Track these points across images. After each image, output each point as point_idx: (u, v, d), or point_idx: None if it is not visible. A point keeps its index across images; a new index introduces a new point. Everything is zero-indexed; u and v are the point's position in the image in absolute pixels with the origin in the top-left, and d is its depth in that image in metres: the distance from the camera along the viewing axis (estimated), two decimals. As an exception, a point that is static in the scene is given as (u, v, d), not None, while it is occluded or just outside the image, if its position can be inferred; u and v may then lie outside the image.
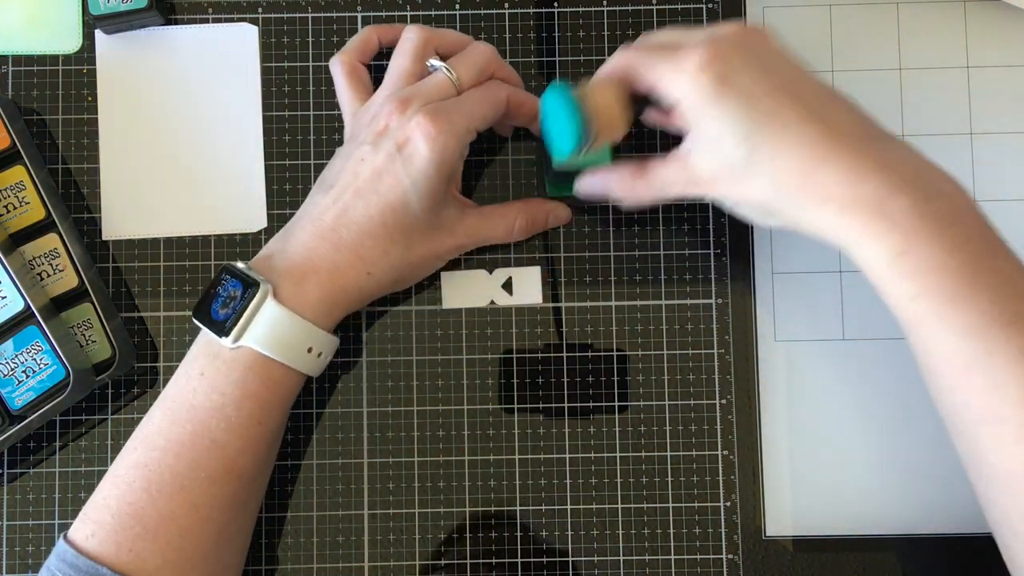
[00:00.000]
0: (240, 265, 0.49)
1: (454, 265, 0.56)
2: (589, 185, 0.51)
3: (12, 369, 0.52)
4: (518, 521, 0.55)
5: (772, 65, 0.43)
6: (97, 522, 0.46)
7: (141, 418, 0.55)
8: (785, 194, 0.43)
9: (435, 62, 0.51)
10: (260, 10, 0.57)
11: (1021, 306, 0.40)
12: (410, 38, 0.52)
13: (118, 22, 0.56)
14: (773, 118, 0.42)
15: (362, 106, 0.52)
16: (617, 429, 0.55)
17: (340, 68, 0.53)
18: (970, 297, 0.40)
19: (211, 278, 0.56)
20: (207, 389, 0.48)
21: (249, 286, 0.48)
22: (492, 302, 0.56)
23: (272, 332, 0.48)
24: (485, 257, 0.56)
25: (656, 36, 0.48)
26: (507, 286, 0.56)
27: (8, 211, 0.54)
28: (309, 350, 0.49)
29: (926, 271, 0.40)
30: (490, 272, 0.56)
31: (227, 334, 0.47)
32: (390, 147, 0.49)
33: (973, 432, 0.41)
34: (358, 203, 0.49)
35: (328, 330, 0.50)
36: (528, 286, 0.56)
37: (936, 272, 0.40)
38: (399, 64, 0.52)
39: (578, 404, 0.55)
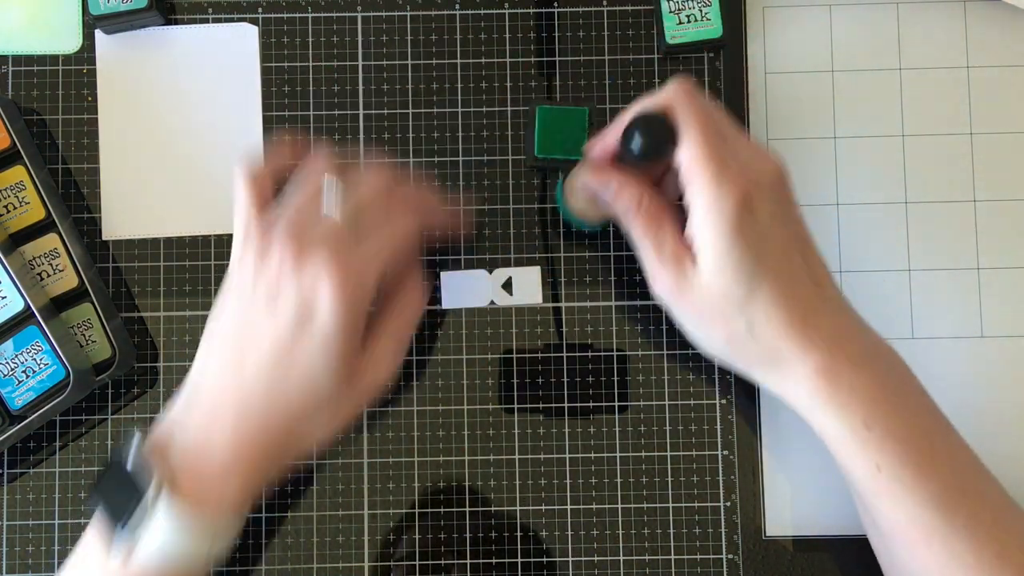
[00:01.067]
0: (131, 452, 0.44)
1: (454, 265, 0.56)
2: (593, 181, 0.47)
3: (12, 369, 0.52)
4: (518, 521, 0.55)
5: (788, 218, 0.44)
6: None
7: (141, 418, 0.55)
8: (759, 340, 0.43)
9: (329, 184, 0.47)
10: (260, 10, 0.57)
11: (968, 473, 0.42)
12: (310, 172, 0.48)
13: (118, 22, 0.56)
14: (777, 269, 0.42)
15: (258, 226, 0.47)
16: (617, 429, 0.55)
17: (243, 177, 0.48)
18: (930, 468, 0.41)
19: (210, 278, 0.56)
20: None
21: (142, 489, 0.43)
22: (492, 302, 0.56)
23: (169, 547, 0.43)
24: (485, 257, 0.56)
25: (714, 110, 0.45)
26: (507, 286, 0.56)
27: (8, 211, 0.54)
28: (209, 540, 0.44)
29: (890, 443, 0.41)
30: (490, 272, 0.56)
31: (121, 529, 0.43)
32: (290, 307, 0.44)
33: None
34: (262, 377, 0.45)
35: (239, 512, 0.46)
36: (528, 286, 0.56)
37: (899, 446, 0.41)
38: (295, 200, 0.47)
39: (578, 404, 0.55)
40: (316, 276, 0.44)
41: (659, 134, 0.44)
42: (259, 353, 0.45)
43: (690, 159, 0.43)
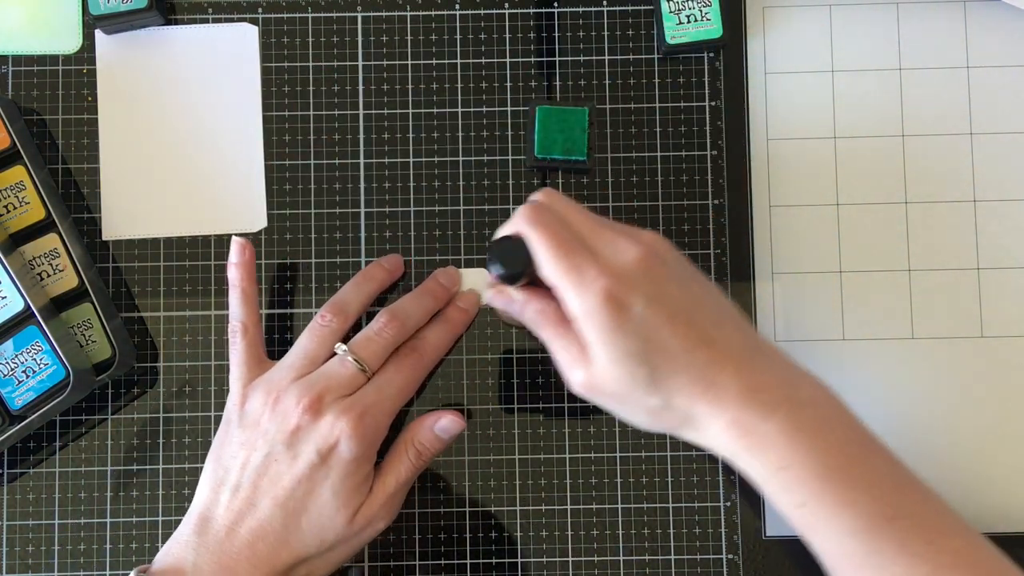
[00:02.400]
0: None
1: (454, 265, 0.56)
2: (498, 302, 0.49)
3: (12, 369, 0.52)
4: (518, 521, 0.55)
5: (665, 293, 0.44)
6: None
7: (141, 418, 0.55)
8: (674, 410, 0.45)
9: (340, 348, 0.50)
10: (260, 10, 0.57)
11: (898, 499, 0.43)
12: (324, 327, 0.51)
13: (118, 22, 0.56)
14: (666, 346, 0.44)
15: (259, 376, 0.51)
16: (617, 429, 0.55)
17: (242, 336, 0.51)
18: (853, 500, 0.42)
19: (210, 278, 0.56)
20: None
21: None
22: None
23: None
24: (474, 256, 0.56)
25: (570, 215, 0.46)
26: None
27: (8, 211, 0.54)
28: None
29: (808, 481, 0.43)
30: (488, 271, 0.56)
31: None
32: (310, 454, 0.48)
33: None
34: (276, 514, 0.48)
35: None
36: None
37: (817, 481, 0.43)
38: (304, 345, 0.51)
39: (578, 404, 0.55)
40: (339, 426, 0.48)
41: (513, 258, 0.46)
42: (277, 490, 0.48)
43: (550, 277, 0.45)
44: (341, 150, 0.57)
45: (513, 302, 0.48)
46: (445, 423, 0.51)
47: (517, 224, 0.46)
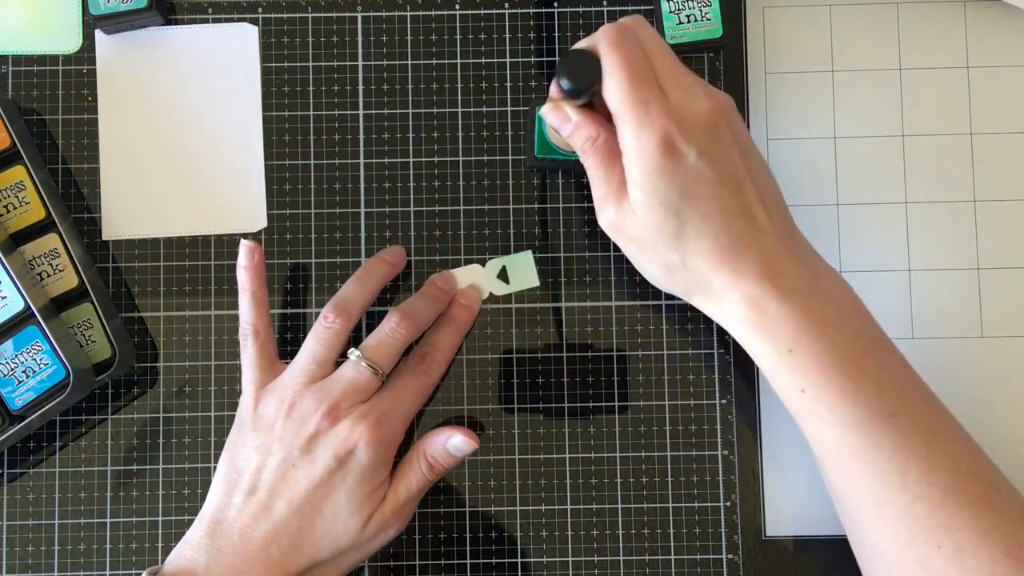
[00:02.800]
0: None
1: (451, 264, 0.56)
2: (552, 117, 0.48)
3: (12, 369, 0.52)
4: (518, 521, 0.55)
5: (720, 155, 0.44)
6: None
7: (141, 418, 0.55)
8: (692, 271, 0.45)
9: (353, 353, 0.50)
10: (260, 10, 0.57)
11: (901, 397, 0.43)
12: (329, 328, 0.51)
13: (118, 22, 0.56)
14: (704, 206, 0.44)
15: (271, 382, 0.50)
16: (617, 429, 0.55)
17: (254, 339, 0.51)
18: (854, 391, 0.43)
19: (210, 278, 0.56)
20: None
21: None
22: (491, 293, 0.56)
23: None
24: (474, 256, 0.56)
25: (652, 49, 0.46)
26: (502, 275, 0.56)
27: (8, 211, 0.54)
28: None
29: (813, 367, 0.43)
30: (483, 265, 0.56)
31: None
32: (329, 459, 0.48)
33: (857, 513, 0.44)
34: (291, 518, 0.48)
35: None
36: (522, 271, 0.56)
37: (822, 368, 0.43)
38: (311, 349, 0.51)
39: (578, 404, 0.55)
40: (358, 431, 0.48)
41: (582, 72, 0.45)
42: (293, 494, 0.48)
43: (614, 104, 0.44)
44: (341, 150, 0.57)
45: (567, 121, 0.47)
46: (457, 441, 0.51)
47: (598, 41, 0.45)
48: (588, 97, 0.46)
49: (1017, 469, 0.55)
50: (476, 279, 0.56)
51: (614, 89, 0.44)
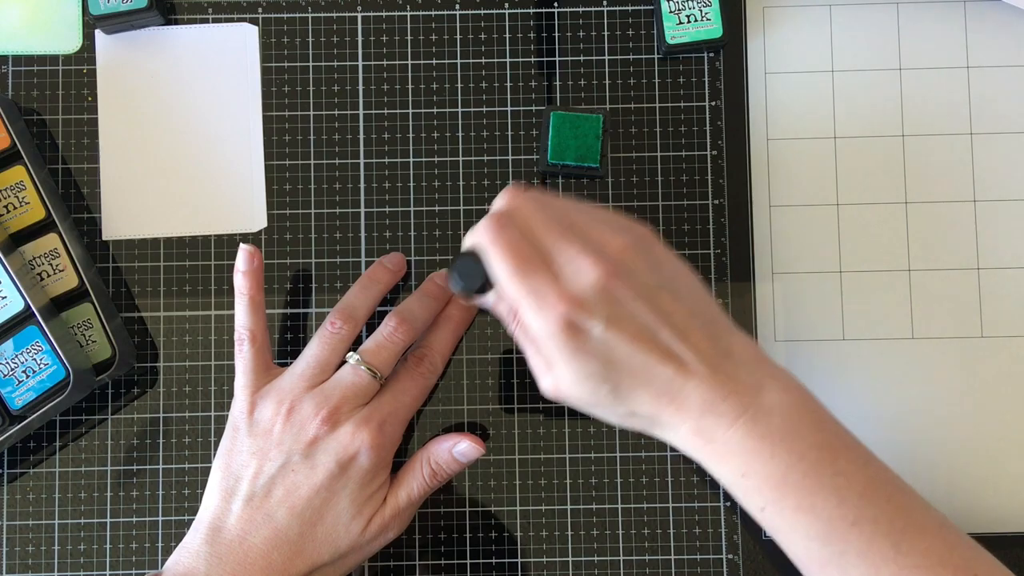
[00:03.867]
0: None
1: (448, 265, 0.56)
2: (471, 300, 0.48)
3: (12, 369, 0.52)
4: (518, 521, 0.55)
5: (627, 310, 0.43)
6: None
7: (141, 418, 0.55)
8: (642, 417, 0.45)
9: (352, 357, 0.50)
10: (260, 10, 0.57)
11: (862, 503, 0.43)
12: (333, 334, 0.51)
13: (118, 22, 0.56)
14: (628, 364, 0.43)
15: (266, 385, 0.50)
16: (617, 429, 0.55)
17: (250, 343, 0.51)
18: (813, 506, 0.43)
19: (210, 278, 0.56)
20: None
21: None
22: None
23: None
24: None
25: (534, 223, 0.44)
26: None
27: (8, 211, 0.54)
28: None
29: (767, 487, 0.43)
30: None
31: None
32: (330, 464, 0.48)
33: None
34: (292, 523, 0.48)
35: None
36: None
37: (777, 488, 0.43)
38: (314, 353, 0.51)
39: (578, 404, 0.55)
40: (360, 436, 0.48)
41: (472, 275, 0.45)
42: (293, 499, 0.48)
43: (508, 298, 0.44)
44: (341, 150, 0.57)
45: (485, 301, 0.47)
46: (464, 447, 0.51)
47: (477, 239, 0.45)
48: (488, 290, 0.46)
49: (1018, 470, 0.55)
50: None
51: (504, 285, 0.44)
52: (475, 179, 0.57)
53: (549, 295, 0.43)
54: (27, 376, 0.52)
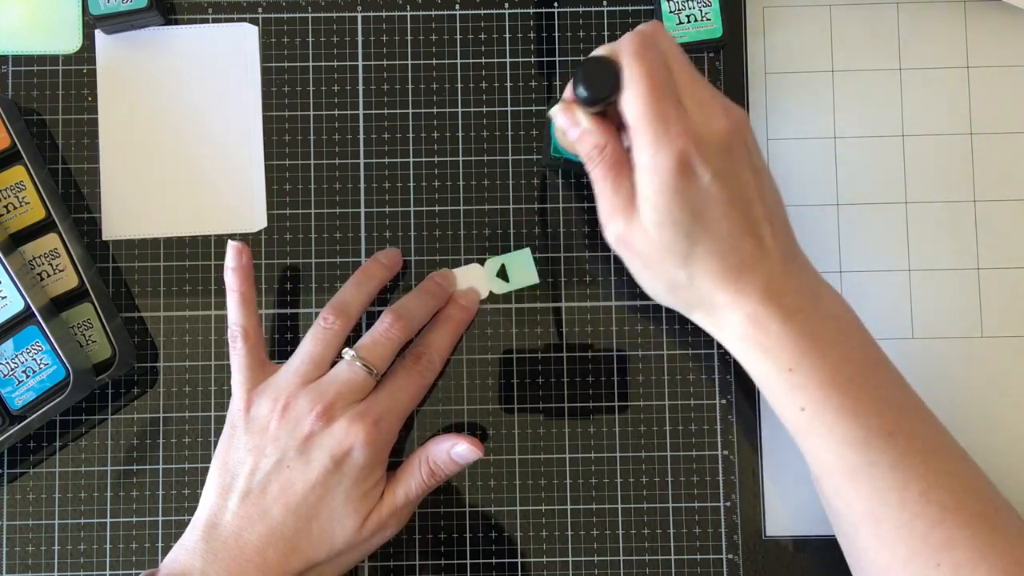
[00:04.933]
0: None
1: (454, 264, 0.56)
2: (561, 119, 0.47)
3: (12, 369, 0.52)
4: (518, 521, 0.55)
5: (733, 175, 0.44)
6: None
7: (141, 418, 0.55)
8: (697, 290, 0.45)
9: (348, 353, 0.50)
10: (260, 10, 0.57)
11: (900, 417, 0.44)
12: (327, 329, 0.51)
13: (118, 22, 0.56)
14: (715, 227, 0.44)
15: (262, 382, 0.50)
16: (617, 429, 0.55)
17: (244, 340, 0.51)
18: (854, 410, 0.43)
19: (210, 278, 0.56)
20: None
21: None
22: (491, 292, 0.56)
23: None
24: (474, 256, 0.56)
25: (673, 60, 0.45)
26: (502, 273, 0.56)
27: (8, 211, 0.54)
28: None
29: (813, 386, 0.44)
30: (482, 264, 0.56)
31: None
32: (325, 460, 0.48)
33: (855, 531, 0.44)
34: (288, 520, 0.48)
35: None
36: (522, 269, 0.56)
37: (822, 387, 0.44)
38: (309, 350, 0.50)
39: (578, 404, 0.55)
40: (353, 431, 0.48)
41: (601, 81, 0.44)
42: (289, 496, 0.48)
43: (632, 117, 0.44)
44: (341, 150, 0.57)
45: (576, 125, 0.46)
46: (462, 449, 0.51)
47: (620, 50, 0.44)
48: (603, 107, 0.45)
49: (1017, 469, 0.55)
50: (476, 278, 0.56)
51: (634, 102, 0.43)
52: (475, 179, 0.57)
53: (676, 125, 0.43)
54: (27, 376, 0.52)
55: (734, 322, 0.45)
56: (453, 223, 0.56)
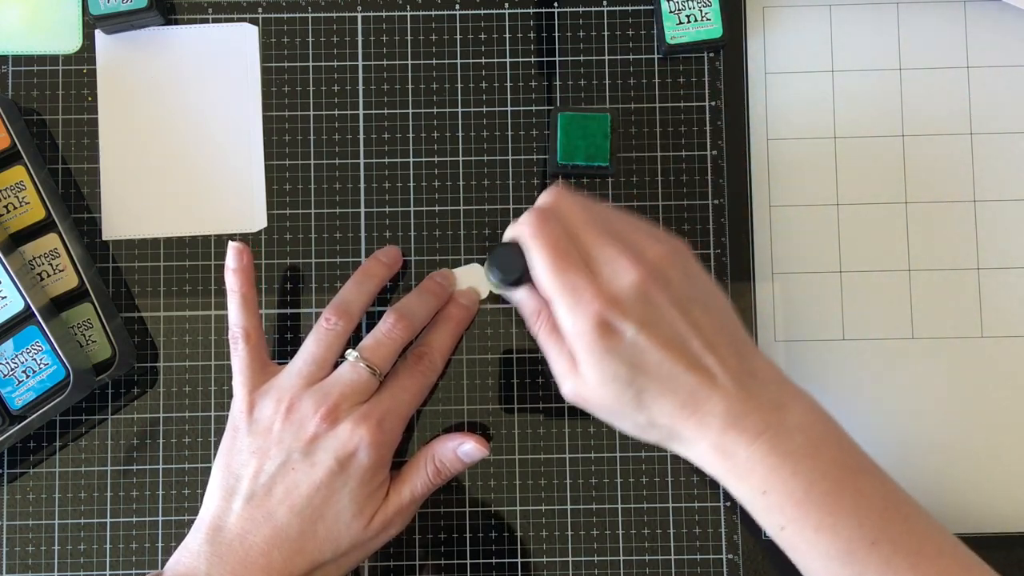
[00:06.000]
0: None
1: (454, 264, 0.56)
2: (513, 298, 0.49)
3: (12, 369, 0.52)
4: (518, 521, 0.55)
5: (661, 316, 0.44)
6: None
7: (141, 418, 0.55)
8: (661, 428, 0.45)
9: (351, 354, 0.50)
10: (260, 10, 0.57)
11: (883, 523, 0.43)
12: (329, 330, 0.51)
13: (118, 22, 0.56)
14: (655, 372, 0.44)
15: (265, 384, 0.50)
16: (617, 429, 0.55)
17: (245, 341, 0.51)
18: (833, 526, 0.43)
19: (210, 278, 0.56)
20: None
21: None
22: (491, 293, 0.56)
23: None
24: (474, 256, 0.56)
25: (576, 223, 0.45)
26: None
27: (8, 211, 0.54)
28: None
29: (789, 505, 0.43)
30: (482, 264, 0.56)
31: None
32: (329, 462, 0.48)
33: None
34: (293, 521, 0.48)
35: None
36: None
37: (798, 506, 0.43)
38: (312, 351, 0.50)
39: (578, 404, 0.55)
40: (359, 433, 0.48)
41: (510, 266, 0.46)
42: (294, 498, 0.48)
43: (545, 292, 0.45)
44: (341, 150, 0.57)
45: (512, 296, 0.48)
46: (469, 448, 0.51)
47: (520, 231, 0.46)
48: (524, 283, 0.47)
49: (1017, 470, 0.55)
50: (475, 278, 0.56)
51: (541, 278, 0.45)
52: (475, 179, 0.57)
53: (586, 292, 0.43)
54: (27, 376, 0.52)
55: (702, 452, 0.45)
56: (453, 223, 0.56)
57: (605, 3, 0.57)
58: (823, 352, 0.56)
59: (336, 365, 0.51)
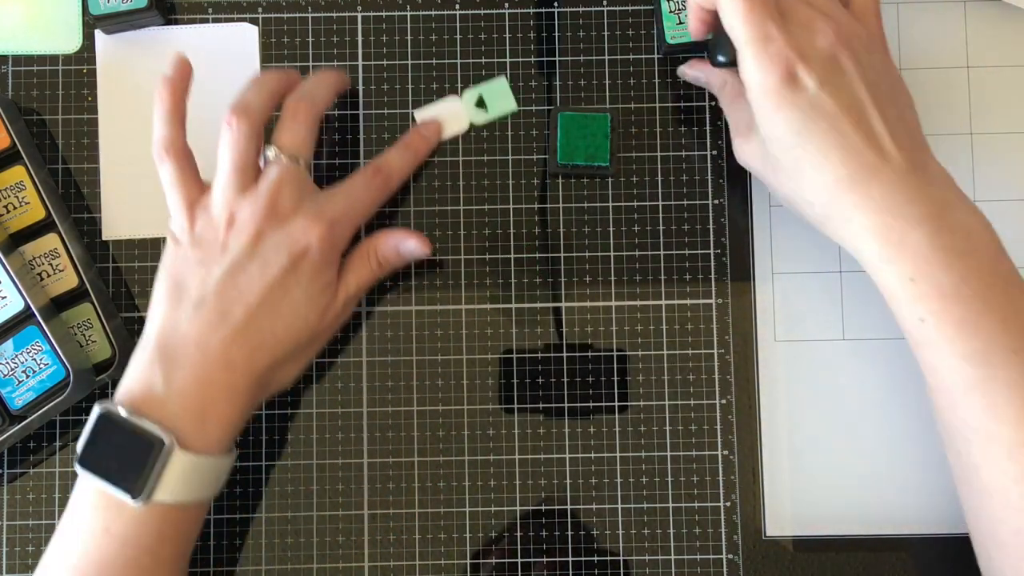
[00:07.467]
0: (122, 412, 0.45)
1: (455, 265, 0.56)
2: (689, 74, 0.55)
3: (12, 369, 0.52)
4: (518, 521, 0.55)
5: (843, 85, 0.44)
6: None
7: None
8: (812, 204, 0.45)
9: (269, 150, 0.50)
10: (260, 10, 0.57)
11: None
12: (236, 132, 0.49)
13: (118, 22, 0.56)
14: (822, 139, 0.44)
15: (200, 198, 0.49)
16: (617, 429, 0.55)
17: (172, 156, 0.49)
18: (976, 324, 0.42)
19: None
20: (117, 545, 0.45)
21: (149, 442, 0.44)
22: (471, 124, 0.56)
23: (183, 483, 0.45)
24: (474, 256, 0.56)
25: None
26: (480, 104, 0.56)
27: (8, 211, 0.54)
28: (219, 478, 0.48)
29: (934, 296, 0.42)
30: (460, 96, 0.56)
31: (137, 495, 0.44)
32: (282, 260, 0.48)
33: (967, 448, 0.43)
34: (249, 319, 0.47)
35: (232, 448, 0.49)
36: (499, 97, 0.56)
37: (944, 299, 0.42)
38: (230, 159, 0.49)
39: (578, 404, 0.55)
40: (310, 228, 0.48)
41: (732, 46, 0.46)
42: (248, 297, 0.47)
43: (735, 39, 0.45)
44: (341, 150, 0.57)
45: (700, 72, 0.53)
46: (411, 246, 0.53)
47: None
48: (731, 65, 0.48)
49: (1017, 469, 0.55)
50: (454, 110, 0.56)
51: (735, 26, 0.45)
52: (475, 179, 0.57)
53: (778, 41, 0.44)
54: (27, 376, 0.52)
55: (858, 231, 0.44)
56: (453, 223, 0.56)
57: (605, 3, 0.57)
58: (823, 352, 0.56)
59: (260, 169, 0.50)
